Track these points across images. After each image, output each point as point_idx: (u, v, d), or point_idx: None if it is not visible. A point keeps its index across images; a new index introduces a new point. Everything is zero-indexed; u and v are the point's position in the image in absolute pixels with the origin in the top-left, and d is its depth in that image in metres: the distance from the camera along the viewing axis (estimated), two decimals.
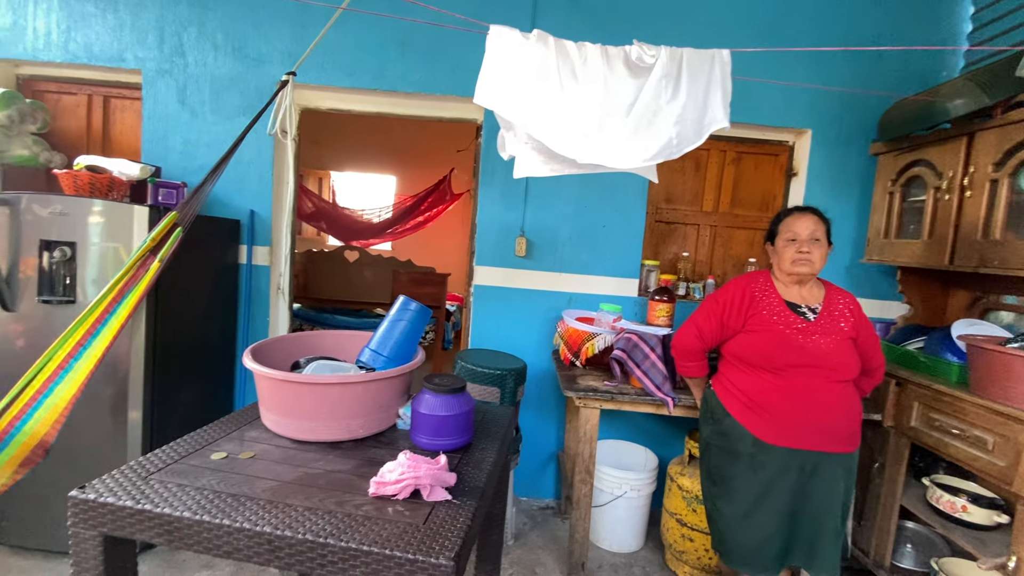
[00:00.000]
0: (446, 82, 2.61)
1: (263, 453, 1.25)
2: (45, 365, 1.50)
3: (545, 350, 2.73)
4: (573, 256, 2.70)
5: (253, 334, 2.77)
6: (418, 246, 6.12)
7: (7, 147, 2.51)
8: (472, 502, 1.10)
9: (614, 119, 1.39)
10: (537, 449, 2.79)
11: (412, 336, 1.61)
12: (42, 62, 2.75)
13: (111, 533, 1.01)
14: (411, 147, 6.34)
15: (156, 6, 2.65)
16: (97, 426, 2.06)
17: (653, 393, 2.04)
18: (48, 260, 1.99)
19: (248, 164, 2.68)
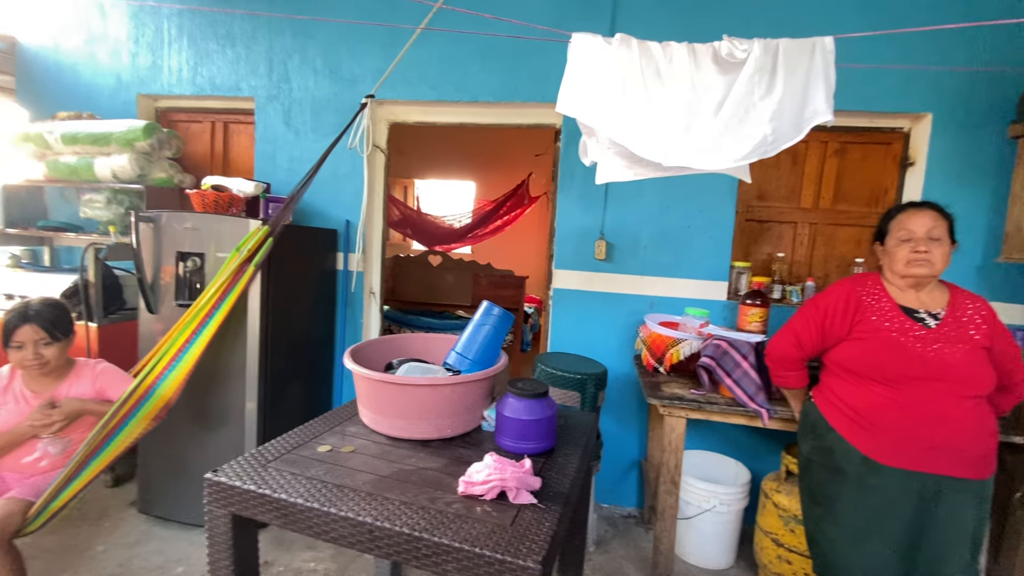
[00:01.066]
0: (525, 89, 2.65)
1: (361, 448, 1.35)
2: (170, 347, 2.01)
3: (626, 355, 2.67)
4: (655, 258, 2.62)
5: (349, 334, 2.99)
6: (497, 249, 6.24)
7: (149, 171, 2.91)
8: (557, 507, 1.11)
9: (702, 119, 1.34)
10: (618, 456, 2.74)
11: (495, 340, 1.65)
12: (175, 95, 3.17)
13: (238, 512, 1.14)
14: (489, 153, 6.49)
15: (266, 39, 2.95)
16: (221, 414, 2.32)
17: (746, 404, 1.93)
18: (183, 269, 2.29)
19: (344, 178, 2.89)
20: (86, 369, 1.86)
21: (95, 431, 1.70)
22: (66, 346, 1.81)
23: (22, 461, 1.75)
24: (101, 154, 2.84)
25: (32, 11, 3.31)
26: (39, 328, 1.71)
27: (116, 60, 3.19)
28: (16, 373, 1.79)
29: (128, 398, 1.79)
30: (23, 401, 1.76)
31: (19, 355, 1.72)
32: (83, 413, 1.76)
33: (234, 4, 2.95)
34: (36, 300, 1.77)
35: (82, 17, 3.22)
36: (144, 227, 2.31)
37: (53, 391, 1.78)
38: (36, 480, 1.74)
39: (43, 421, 1.68)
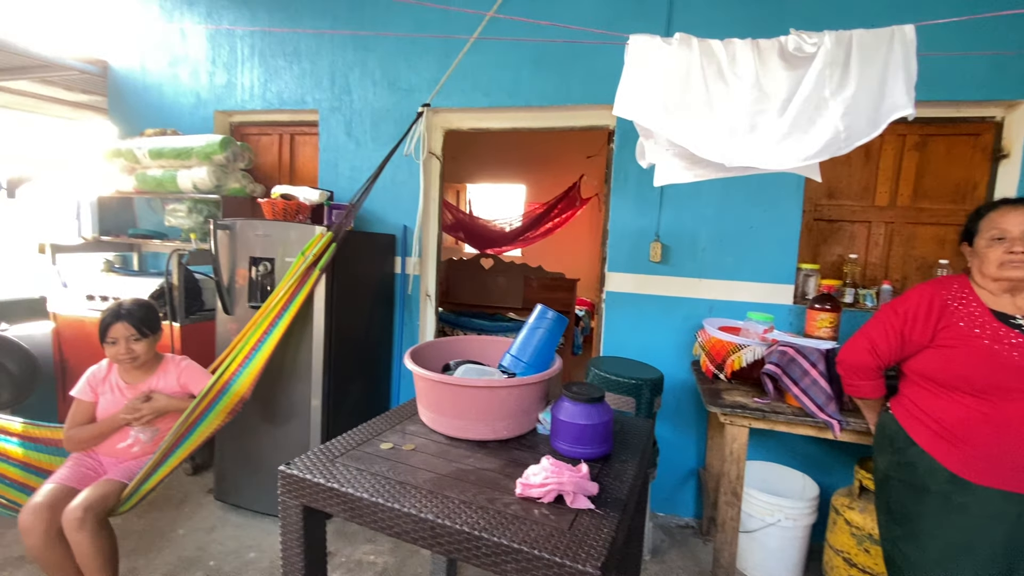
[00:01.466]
0: (578, 92, 2.64)
1: (422, 447, 1.39)
2: (243, 346, 2.16)
3: (683, 360, 2.60)
4: (714, 261, 2.53)
5: (406, 335, 3.08)
6: (548, 252, 6.24)
7: (225, 182, 3.12)
8: (615, 514, 1.10)
9: (768, 117, 1.29)
10: (675, 464, 2.67)
11: (549, 343, 1.65)
12: (247, 111, 3.39)
13: (308, 504, 1.20)
14: (540, 156, 6.51)
15: (329, 53, 3.10)
16: (289, 410, 2.46)
17: (815, 414, 1.83)
18: (255, 273, 2.44)
19: (401, 185, 2.99)
20: (171, 364, 2.03)
21: (179, 422, 1.86)
22: (154, 342, 1.97)
23: (117, 447, 1.92)
24: (183, 167, 3.08)
25: (122, 37, 3.64)
26: (130, 325, 1.87)
27: (196, 80, 3.45)
28: (112, 366, 1.97)
29: (207, 393, 1.94)
30: (118, 391, 1.93)
31: (113, 350, 1.88)
32: (169, 408, 1.92)
33: (301, 23, 3.12)
34: (128, 300, 1.95)
35: (166, 41, 3.51)
36: (221, 234, 2.49)
37: (144, 383, 1.96)
38: (129, 464, 1.91)
39: (135, 413, 1.86)
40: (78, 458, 1.90)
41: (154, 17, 3.54)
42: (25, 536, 1.64)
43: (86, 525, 1.63)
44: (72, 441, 1.88)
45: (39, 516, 1.65)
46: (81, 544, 1.63)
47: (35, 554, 1.67)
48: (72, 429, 1.88)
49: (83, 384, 1.93)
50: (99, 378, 1.95)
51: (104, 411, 1.92)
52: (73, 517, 1.63)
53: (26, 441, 1.94)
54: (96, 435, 1.88)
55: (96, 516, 1.67)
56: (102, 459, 1.93)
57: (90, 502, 1.67)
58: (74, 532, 1.62)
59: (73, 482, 1.79)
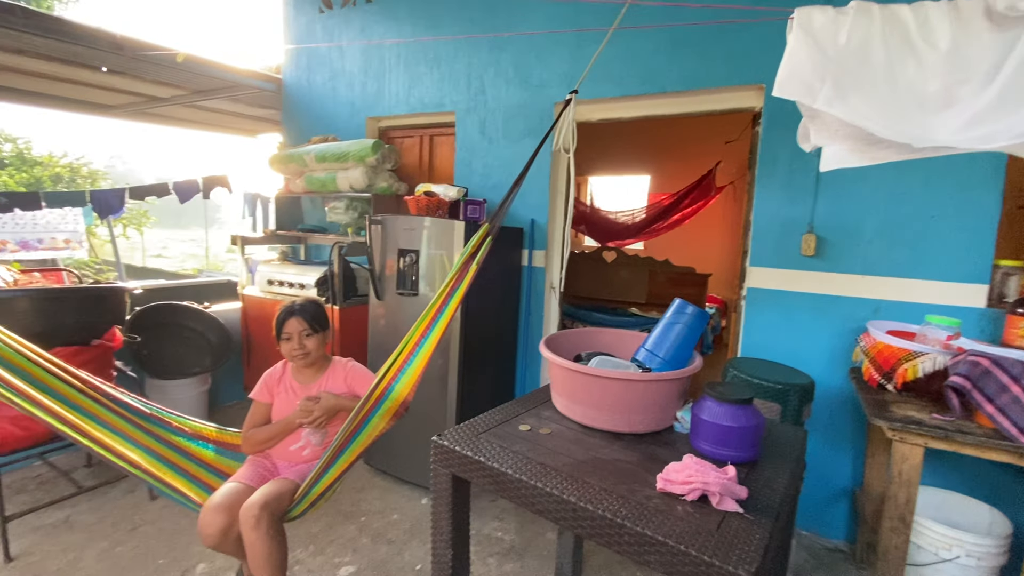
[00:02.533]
0: (720, 73, 2.47)
1: (557, 432, 1.43)
2: (404, 347, 2.01)
3: (838, 366, 2.33)
4: (883, 255, 2.22)
5: (531, 326, 3.17)
6: (674, 245, 5.96)
7: (375, 181, 3.47)
8: (768, 521, 1.04)
9: (969, 89, 1.09)
10: (824, 480, 2.41)
11: (688, 340, 1.59)
12: (393, 115, 3.72)
13: (457, 474, 1.31)
14: (666, 145, 6.22)
15: (465, 56, 3.28)
16: (430, 388, 2.68)
17: (1015, 438, 1.53)
18: (402, 264, 2.69)
19: (530, 179, 3.05)
20: (339, 366, 2.07)
21: (346, 423, 1.79)
22: (323, 339, 2.02)
23: (290, 449, 1.95)
24: (341, 169, 3.48)
25: (294, 57, 4.21)
26: (303, 320, 1.94)
27: (351, 90, 3.88)
28: (286, 368, 2.04)
29: (370, 395, 1.85)
30: (292, 392, 1.99)
31: (287, 345, 1.94)
32: (338, 408, 1.93)
33: (441, 30, 3.34)
34: (300, 299, 2.04)
35: (327, 57, 3.98)
36: (374, 228, 2.78)
37: (314, 384, 2.01)
38: (300, 467, 1.94)
39: (308, 415, 1.89)
40: (255, 460, 1.97)
41: (318, 37, 4.03)
42: (203, 535, 1.68)
43: (262, 523, 1.64)
44: (249, 442, 1.95)
45: (217, 516, 1.68)
46: (255, 544, 1.63)
47: (213, 549, 1.72)
48: (250, 430, 1.96)
49: (260, 386, 2.01)
50: (274, 379, 2.02)
51: (279, 412, 1.99)
52: (251, 514, 1.64)
53: (220, 446, 2.05)
54: (271, 436, 1.94)
55: (272, 514, 1.68)
56: (276, 461, 1.98)
57: (267, 499, 1.70)
58: (250, 530, 1.63)
59: (251, 481, 1.84)
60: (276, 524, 1.69)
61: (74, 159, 12.20)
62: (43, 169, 11.53)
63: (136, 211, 12.00)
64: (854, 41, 1.12)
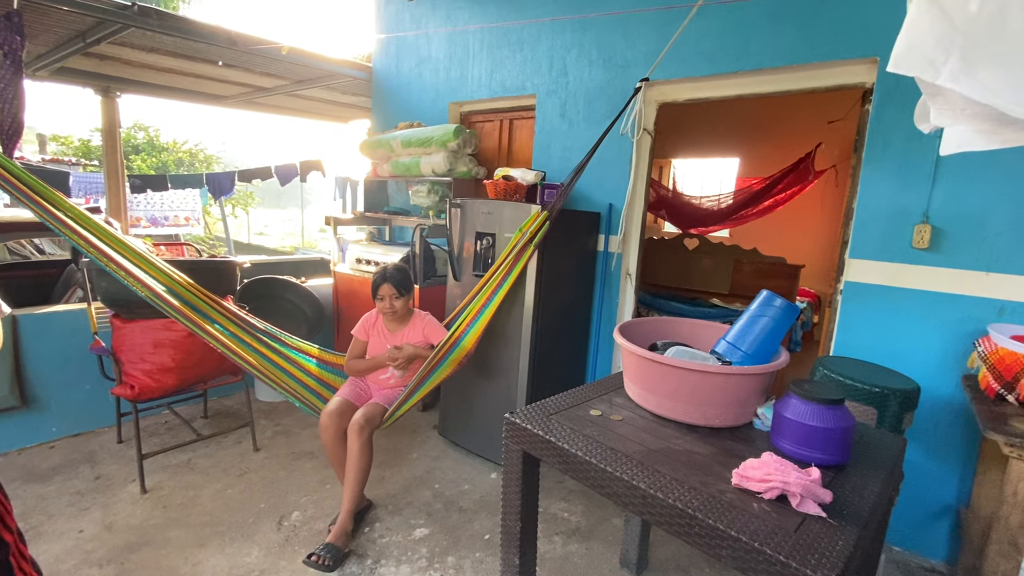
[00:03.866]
0: (825, 47, 2.27)
1: (628, 419, 1.43)
2: (469, 310, 2.58)
3: (950, 372, 2.10)
4: (1013, 250, 1.95)
5: (605, 311, 3.14)
6: (763, 233, 5.58)
7: (455, 165, 3.56)
8: (854, 529, 0.98)
9: None
10: (925, 494, 2.20)
11: (775, 334, 1.52)
12: (474, 100, 3.78)
13: (528, 451, 1.35)
14: (760, 125, 5.80)
15: (548, 38, 3.25)
16: (502, 367, 2.76)
17: None
18: (479, 246, 2.76)
19: (609, 164, 3.01)
20: (419, 318, 2.53)
21: (423, 366, 2.38)
22: (408, 299, 2.45)
23: (380, 378, 2.48)
24: (425, 154, 3.61)
25: (384, 45, 4.39)
26: (392, 286, 2.38)
27: (435, 76, 3.99)
28: (379, 316, 2.52)
29: (443, 345, 2.40)
30: (383, 336, 2.49)
31: (381, 304, 2.42)
32: (416, 356, 2.42)
33: (524, 14, 3.33)
34: (391, 266, 2.47)
35: (415, 44, 4.11)
36: (454, 211, 2.87)
37: (400, 332, 2.49)
38: (387, 392, 2.44)
39: (394, 360, 2.39)
40: (354, 381, 2.49)
41: (406, 24, 4.17)
42: (322, 433, 2.26)
43: (364, 433, 2.17)
44: (351, 369, 2.48)
45: (332, 420, 2.25)
46: (354, 446, 2.16)
47: (327, 446, 2.27)
48: (351, 360, 2.48)
49: (360, 326, 2.51)
50: (370, 323, 2.51)
51: (372, 349, 2.49)
52: (357, 425, 2.17)
53: (321, 361, 2.64)
54: (368, 368, 2.46)
55: (371, 427, 2.21)
56: (369, 384, 2.50)
57: (367, 416, 2.22)
58: (355, 436, 2.15)
59: (353, 398, 2.38)
60: (371, 435, 2.21)
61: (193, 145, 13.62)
62: (168, 154, 13.00)
63: (243, 192, 13.21)
64: (988, 8, 0.98)
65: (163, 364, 2.46)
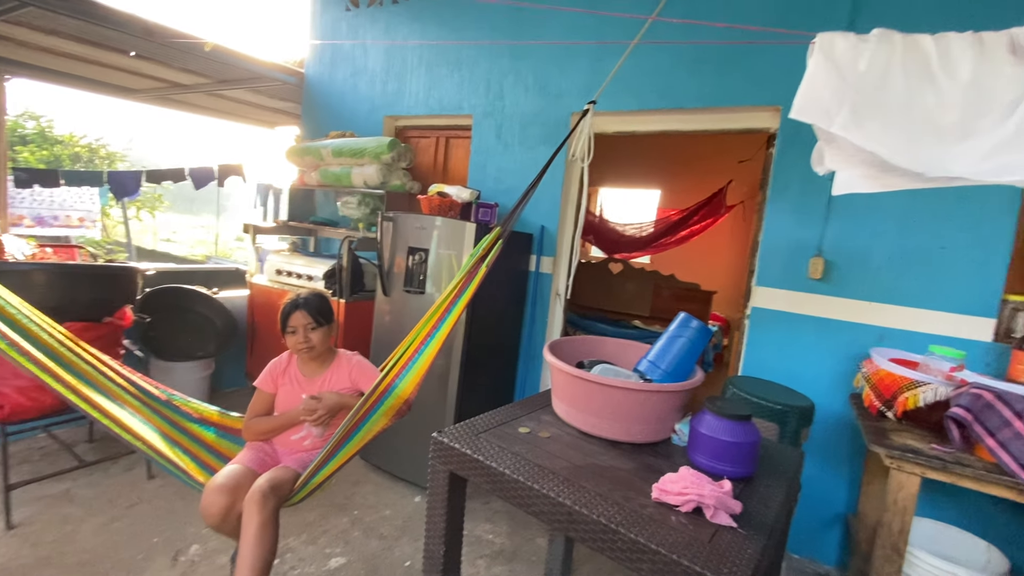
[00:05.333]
0: (738, 93, 2.50)
1: (556, 436, 1.44)
2: (410, 344, 2.06)
3: (839, 391, 2.33)
4: (890, 283, 2.23)
5: (535, 331, 3.18)
6: (680, 260, 5.97)
7: (389, 179, 3.50)
8: (761, 537, 1.05)
9: (988, 122, 1.10)
10: (818, 504, 2.40)
11: (691, 354, 1.61)
12: (411, 115, 3.76)
13: (455, 471, 1.32)
14: (679, 161, 6.25)
15: (486, 62, 3.32)
16: (430, 386, 2.69)
17: (1015, 474, 1.53)
18: (411, 262, 2.71)
19: (543, 186, 3.06)
20: (344, 360, 2.06)
21: (347, 419, 1.81)
22: (328, 333, 2.00)
23: (291, 438, 1.96)
24: (357, 165, 3.52)
25: (317, 52, 4.27)
26: (307, 314, 1.92)
27: (371, 88, 3.93)
28: (292, 359, 2.02)
29: (374, 392, 1.87)
30: (296, 383, 1.99)
31: (293, 339, 1.93)
32: (341, 406, 1.94)
33: (464, 35, 3.39)
34: (305, 292, 2.02)
35: (351, 54, 4.04)
36: (386, 225, 2.81)
37: (319, 376, 2.00)
38: (302, 455, 1.94)
39: (312, 414, 1.89)
40: (256, 445, 1.96)
41: (343, 34, 4.09)
42: (205, 514, 1.69)
43: (267, 505, 1.66)
44: (251, 431, 1.94)
45: (222, 497, 1.69)
46: (253, 523, 1.63)
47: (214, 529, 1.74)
48: (252, 419, 1.96)
49: (265, 376, 2.00)
50: (279, 370, 2.02)
51: (282, 402, 1.99)
52: (259, 495, 1.67)
53: (219, 429, 2.07)
54: (274, 428, 1.95)
55: (277, 498, 1.71)
56: (277, 448, 1.99)
57: (273, 483, 1.72)
58: (255, 509, 1.64)
59: (253, 465, 1.85)
60: (277, 508, 1.71)
61: (93, 140, 12.36)
62: (63, 148, 11.69)
63: (151, 194, 12.13)
64: (874, 69, 1.14)
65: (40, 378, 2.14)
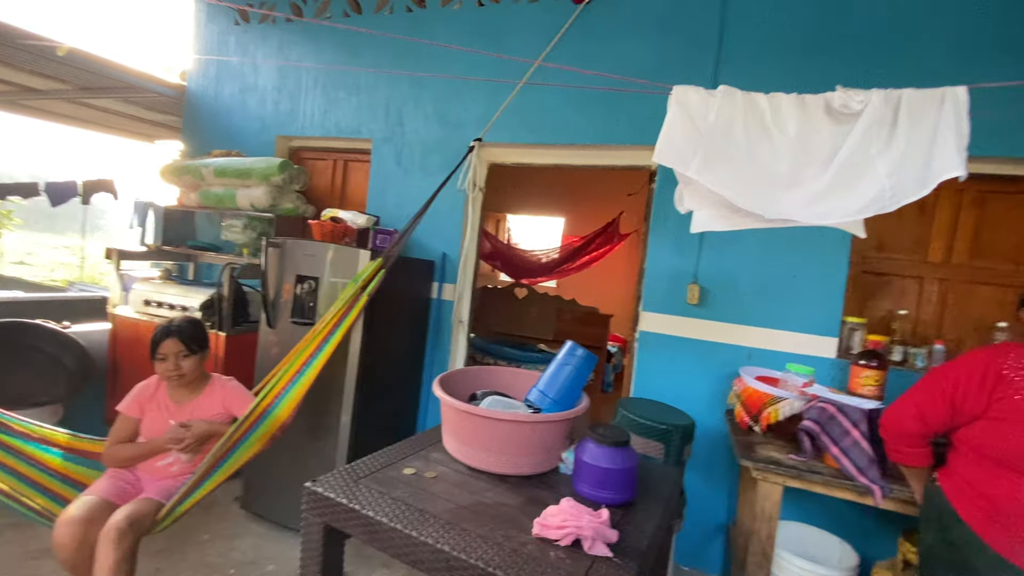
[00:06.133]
0: (622, 133, 2.68)
1: (443, 475, 1.40)
2: (287, 369, 2.08)
3: (717, 408, 2.52)
4: (755, 307, 2.47)
5: (437, 359, 3.12)
6: (582, 285, 6.22)
7: (280, 201, 3.30)
8: (633, 564, 1.07)
9: (811, 172, 1.28)
10: (704, 516, 2.56)
11: (577, 381, 1.65)
12: (306, 136, 3.60)
13: (330, 523, 1.22)
14: (580, 191, 6.58)
15: (386, 88, 3.28)
16: (319, 424, 2.52)
17: (854, 477, 1.73)
18: (300, 290, 2.55)
19: (444, 214, 3.08)
20: (218, 384, 2.01)
21: (218, 445, 1.81)
22: (202, 359, 1.96)
23: (157, 464, 1.87)
24: (243, 186, 3.28)
25: (201, 64, 3.97)
26: (179, 341, 1.87)
27: (262, 107, 3.71)
28: (161, 384, 1.95)
29: (248, 416, 1.89)
30: (164, 409, 1.92)
31: (163, 366, 1.87)
32: (211, 434, 1.87)
33: (362, 59, 3.33)
34: (178, 318, 1.97)
35: (240, 70, 3.80)
36: (272, 251, 2.62)
37: (190, 403, 1.94)
38: (167, 483, 1.85)
39: (179, 442, 1.81)
40: (116, 472, 1.86)
41: (231, 49, 3.85)
42: (57, 550, 1.58)
43: (124, 543, 1.58)
44: (112, 458, 1.85)
45: (74, 529, 1.59)
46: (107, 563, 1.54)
47: (66, 567, 1.62)
48: (114, 446, 1.86)
49: (130, 400, 1.92)
50: (147, 395, 1.94)
51: (148, 428, 1.90)
52: (115, 530, 1.58)
53: (68, 452, 1.92)
54: (137, 456, 1.86)
55: (135, 535, 1.63)
56: (140, 475, 1.89)
57: (131, 519, 1.63)
58: (109, 547, 1.55)
59: (111, 496, 1.75)
60: (134, 546, 1.63)
61: None
62: None
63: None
64: (721, 120, 1.28)
65: None
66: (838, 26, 2.36)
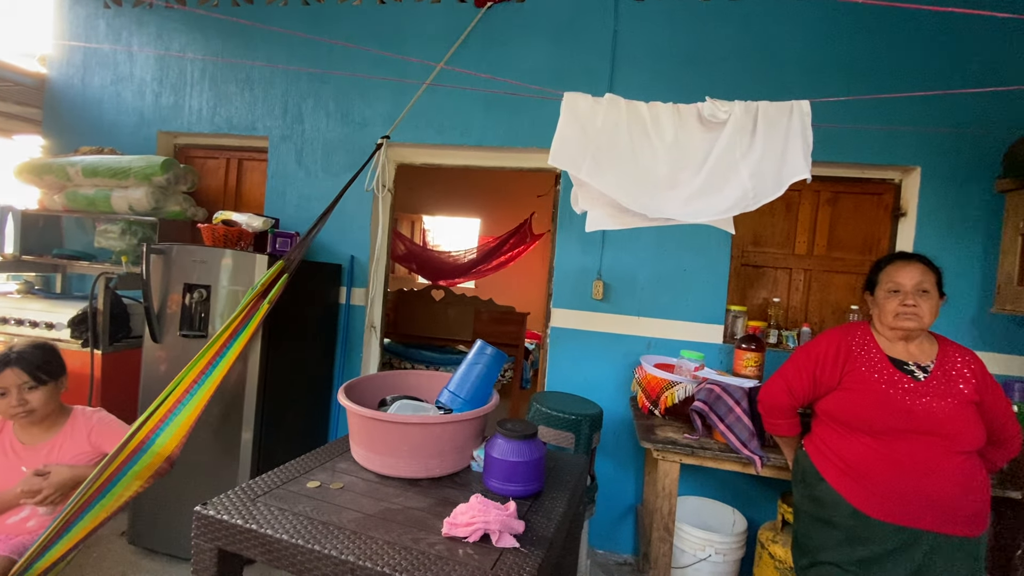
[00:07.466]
0: (526, 136, 2.76)
1: (350, 485, 1.36)
2: (172, 391, 1.82)
3: (623, 396, 2.68)
4: (652, 300, 2.66)
5: (349, 367, 3.01)
6: (499, 285, 6.31)
7: (164, 204, 3.01)
8: (539, 552, 1.11)
9: (687, 175, 1.41)
10: (615, 499, 2.70)
11: (487, 379, 1.67)
12: (194, 133, 3.31)
13: (224, 547, 1.14)
14: (494, 192, 6.66)
15: (282, 83, 3.11)
16: (216, 443, 2.33)
17: (738, 450, 1.92)
18: (189, 300, 2.35)
19: (351, 216, 2.98)
20: (82, 419, 1.72)
21: (84, 486, 1.54)
22: (55, 391, 1.67)
23: (9, 521, 1.60)
24: (119, 187, 2.95)
25: (64, 51, 3.52)
26: (21, 372, 1.57)
27: (140, 99, 3.36)
28: (7, 424, 1.66)
29: (121, 450, 1.63)
30: (13, 454, 1.62)
31: (3, 403, 1.58)
32: (75, 481, 1.57)
33: (255, 52, 3.13)
34: (21, 343, 1.66)
35: (111, 58, 3.41)
36: (155, 258, 2.39)
37: (45, 444, 1.65)
38: (22, 539, 1.59)
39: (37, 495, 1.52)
40: None
41: (101, 34, 3.45)
42: None
43: None
44: None
45: None
46: None
47: None
48: None
49: None
50: None
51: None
52: None
53: None
54: None
55: None
56: None
57: None
58: None
59: None
60: None
61: None
62: None
63: None
64: (607, 126, 1.37)
65: None
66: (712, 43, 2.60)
